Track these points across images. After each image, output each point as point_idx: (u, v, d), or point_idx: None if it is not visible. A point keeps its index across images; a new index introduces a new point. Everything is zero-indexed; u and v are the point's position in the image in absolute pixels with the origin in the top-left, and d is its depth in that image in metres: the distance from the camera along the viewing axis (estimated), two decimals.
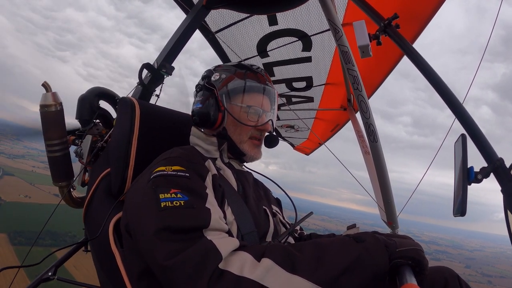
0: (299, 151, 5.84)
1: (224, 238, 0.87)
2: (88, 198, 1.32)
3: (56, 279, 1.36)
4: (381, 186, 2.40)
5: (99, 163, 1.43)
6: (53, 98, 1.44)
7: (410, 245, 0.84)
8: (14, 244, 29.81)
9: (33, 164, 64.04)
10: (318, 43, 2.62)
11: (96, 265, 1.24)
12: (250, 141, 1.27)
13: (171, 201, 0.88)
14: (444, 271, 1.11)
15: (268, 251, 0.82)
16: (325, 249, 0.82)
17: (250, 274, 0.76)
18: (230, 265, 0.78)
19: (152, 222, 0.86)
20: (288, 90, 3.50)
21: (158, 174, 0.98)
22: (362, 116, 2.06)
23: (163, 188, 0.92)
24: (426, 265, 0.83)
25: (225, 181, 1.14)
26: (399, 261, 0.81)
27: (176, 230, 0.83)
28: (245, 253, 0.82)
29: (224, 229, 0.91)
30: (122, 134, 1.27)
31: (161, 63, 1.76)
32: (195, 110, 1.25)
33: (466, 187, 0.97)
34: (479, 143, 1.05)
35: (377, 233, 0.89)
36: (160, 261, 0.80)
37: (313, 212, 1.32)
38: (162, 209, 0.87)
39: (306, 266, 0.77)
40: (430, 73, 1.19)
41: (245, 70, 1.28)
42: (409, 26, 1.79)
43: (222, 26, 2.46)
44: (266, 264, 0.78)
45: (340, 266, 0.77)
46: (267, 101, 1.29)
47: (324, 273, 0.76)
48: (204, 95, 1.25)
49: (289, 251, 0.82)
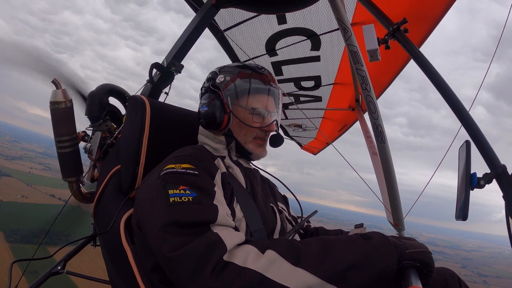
0: (307, 150, 5.83)
1: (231, 231, 0.89)
2: (98, 193, 1.35)
3: (65, 272, 1.39)
4: (388, 187, 2.39)
5: (109, 160, 1.45)
6: (63, 95, 1.47)
7: (420, 247, 0.85)
8: (10, 241, 30.49)
9: (31, 165, 64.84)
10: (327, 42, 2.60)
11: (106, 260, 1.27)
12: (255, 141, 1.29)
13: (180, 196, 0.91)
14: (445, 272, 1.11)
15: (273, 244, 0.83)
16: (332, 244, 0.83)
17: (253, 265, 0.77)
18: (234, 257, 0.80)
19: (160, 216, 0.89)
20: (296, 89, 3.48)
21: (168, 171, 1.00)
22: (370, 116, 2.05)
23: (172, 185, 0.95)
24: (433, 267, 0.84)
25: (234, 179, 1.16)
26: (407, 262, 0.81)
27: (184, 225, 0.86)
28: (250, 246, 0.84)
29: (231, 225, 0.93)
30: (133, 132, 1.29)
31: (171, 61, 1.78)
32: (201, 113, 1.26)
33: (469, 192, 0.99)
34: (483, 149, 1.05)
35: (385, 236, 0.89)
36: (166, 253, 0.82)
37: (317, 211, 1.33)
38: (170, 204, 0.89)
39: (311, 260, 0.78)
40: (437, 79, 1.19)
41: (249, 71, 1.29)
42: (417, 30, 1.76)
43: (231, 24, 2.46)
44: (270, 256, 0.79)
45: (346, 262, 0.78)
46: (272, 101, 1.30)
47: (328, 268, 0.77)
48: (209, 98, 1.26)
49: (295, 245, 0.83)
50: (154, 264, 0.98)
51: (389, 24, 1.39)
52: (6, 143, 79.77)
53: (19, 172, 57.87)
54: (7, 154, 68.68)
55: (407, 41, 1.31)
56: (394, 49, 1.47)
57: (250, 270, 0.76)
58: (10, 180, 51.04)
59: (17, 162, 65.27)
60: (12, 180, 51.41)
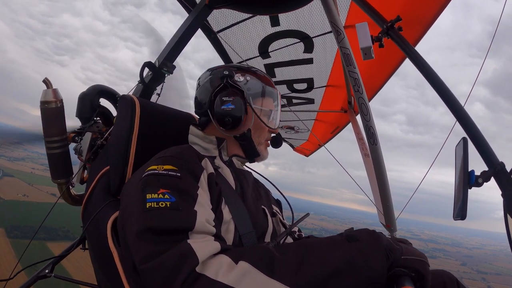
0: (299, 152, 5.85)
1: (206, 241, 0.83)
2: (86, 196, 1.31)
3: (53, 276, 1.35)
4: (380, 189, 2.40)
5: (98, 161, 1.42)
6: (54, 95, 1.43)
7: (417, 256, 0.80)
8: (10, 237, 31.70)
9: (33, 166, 65.46)
10: (320, 45, 2.62)
11: (94, 263, 1.23)
12: (265, 143, 1.31)
13: (157, 201, 0.87)
14: (443, 275, 1.10)
15: (247, 254, 0.79)
16: (311, 250, 0.78)
17: (224, 278, 0.73)
18: (206, 269, 0.75)
19: (136, 222, 0.85)
20: (289, 92, 3.50)
21: (149, 173, 0.97)
22: (363, 118, 2.06)
23: (151, 188, 0.91)
24: (429, 280, 0.78)
25: (222, 180, 1.13)
26: (401, 270, 0.76)
27: (159, 232, 0.82)
28: (224, 256, 0.79)
29: (211, 232, 0.87)
30: (122, 131, 1.26)
31: (163, 61, 1.75)
32: (227, 111, 1.17)
33: (467, 191, 0.97)
34: (480, 146, 1.05)
35: (383, 235, 0.83)
36: (137, 264, 0.79)
37: (309, 213, 1.32)
38: (147, 210, 0.86)
39: (285, 269, 0.73)
40: (433, 77, 1.19)
41: (261, 73, 1.31)
42: (412, 29, 1.79)
43: (224, 26, 2.46)
44: (243, 267, 0.74)
45: (325, 269, 0.72)
46: (278, 104, 1.35)
47: (305, 277, 0.72)
48: (234, 96, 1.19)
49: (270, 253, 0.78)
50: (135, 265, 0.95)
51: (383, 22, 1.39)
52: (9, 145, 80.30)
53: (21, 172, 58.27)
54: (10, 156, 68.77)
55: (401, 38, 1.31)
56: (387, 50, 1.48)
57: (222, 285, 0.72)
58: (12, 180, 51.53)
59: (20, 163, 65.87)
60: (14, 180, 51.84)
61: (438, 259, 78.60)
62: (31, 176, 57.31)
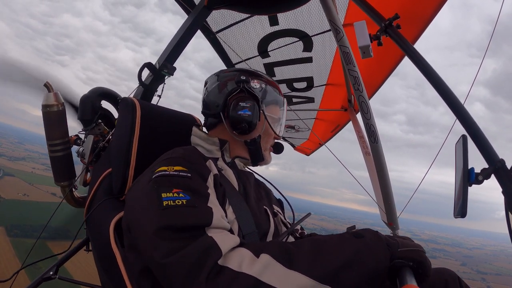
0: (300, 151, 5.84)
1: (225, 234, 0.87)
2: (89, 198, 1.32)
3: (58, 278, 1.36)
4: (382, 187, 2.40)
5: (100, 163, 1.43)
6: (55, 98, 1.44)
7: (412, 246, 0.84)
8: (10, 236, 31.90)
9: (33, 166, 65.39)
10: (319, 43, 2.62)
11: (97, 265, 1.24)
12: (270, 148, 1.36)
13: (173, 200, 0.89)
14: (445, 272, 1.11)
15: (267, 247, 0.83)
16: (323, 244, 0.83)
17: (248, 269, 0.77)
18: (229, 261, 0.78)
19: (153, 220, 0.86)
20: (289, 91, 3.50)
21: (160, 174, 0.98)
22: (363, 116, 2.06)
23: (165, 188, 0.92)
24: (428, 266, 0.83)
25: (226, 181, 1.15)
26: (400, 261, 0.81)
27: (178, 229, 0.84)
28: (244, 249, 0.83)
29: (226, 228, 0.91)
30: (123, 134, 1.27)
31: (163, 63, 1.76)
32: (243, 116, 1.20)
33: (467, 189, 0.97)
34: (480, 144, 1.05)
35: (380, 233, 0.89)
36: (158, 259, 0.80)
37: (311, 213, 1.34)
38: (164, 208, 0.87)
39: (303, 261, 0.78)
40: (432, 74, 1.19)
41: (271, 80, 1.36)
42: (410, 27, 1.79)
43: (223, 26, 2.46)
44: (265, 260, 0.79)
45: (338, 261, 0.78)
46: None
47: (321, 268, 0.77)
48: (251, 102, 1.22)
49: (288, 247, 0.83)
50: (142, 267, 0.95)
51: (381, 20, 1.40)
52: (9, 145, 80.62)
53: (22, 172, 58.21)
54: (11, 155, 69.02)
55: (400, 36, 1.31)
56: (386, 48, 1.48)
57: (246, 275, 0.76)
58: (12, 180, 51.54)
59: (20, 163, 65.72)
60: (15, 180, 51.85)
61: (438, 259, 78.49)
62: (31, 176, 57.28)
